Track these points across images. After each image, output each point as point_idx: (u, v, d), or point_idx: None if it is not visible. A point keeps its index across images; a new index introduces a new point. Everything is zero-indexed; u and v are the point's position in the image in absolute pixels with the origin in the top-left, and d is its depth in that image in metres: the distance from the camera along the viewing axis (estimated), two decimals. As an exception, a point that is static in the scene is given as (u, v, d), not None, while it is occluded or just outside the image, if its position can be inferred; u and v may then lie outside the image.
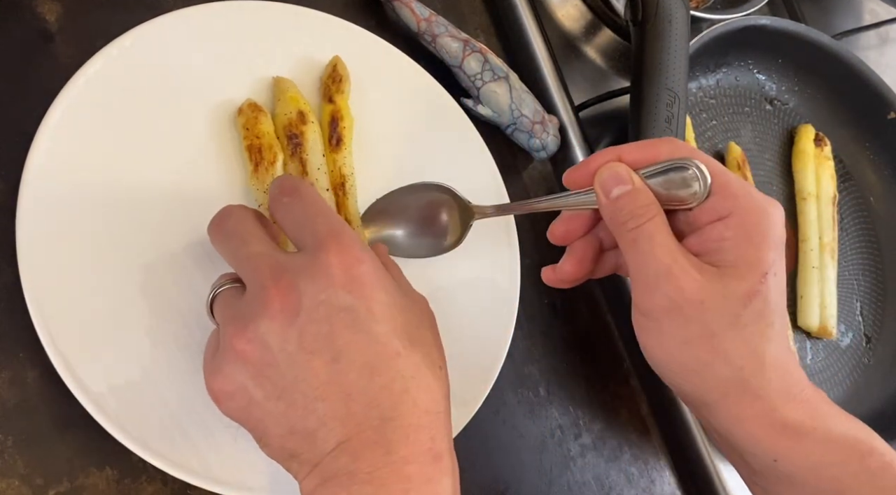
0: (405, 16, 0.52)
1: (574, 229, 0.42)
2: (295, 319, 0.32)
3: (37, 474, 0.36)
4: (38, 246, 0.37)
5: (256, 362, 0.32)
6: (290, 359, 0.32)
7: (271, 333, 0.32)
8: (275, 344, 0.32)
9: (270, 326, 0.32)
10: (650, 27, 0.53)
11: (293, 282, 0.32)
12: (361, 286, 0.33)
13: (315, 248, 0.33)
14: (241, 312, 0.33)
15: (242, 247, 0.34)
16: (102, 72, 0.40)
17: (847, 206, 0.71)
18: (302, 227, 0.35)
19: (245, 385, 0.32)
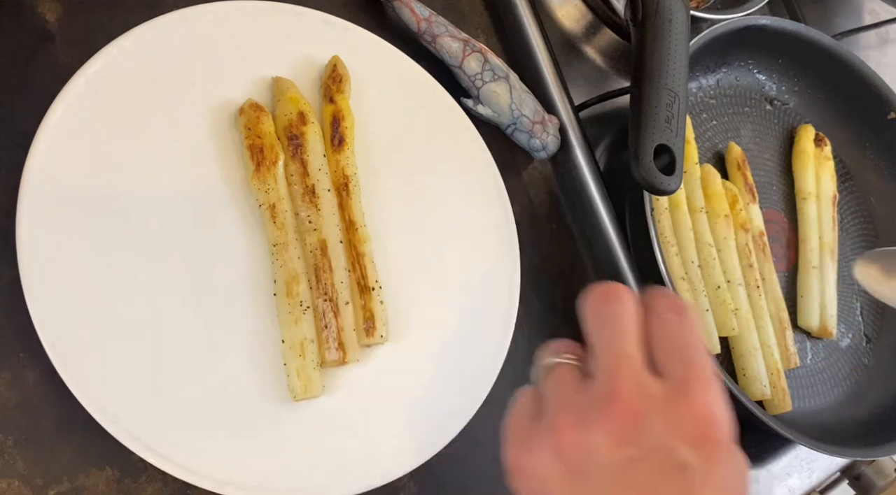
0: (405, 16, 0.52)
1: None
2: (628, 447, 0.30)
3: (37, 474, 0.36)
4: (38, 246, 0.37)
5: (572, 464, 0.31)
6: (604, 481, 0.30)
7: (600, 447, 0.30)
8: (599, 459, 0.30)
9: (603, 440, 0.30)
10: (650, 27, 0.53)
11: (646, 409, 0.30)
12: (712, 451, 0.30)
13: (682, 383, 0.31)
14: (581, 405, 0.32)
15: (616, 340, 0.33)
16: (102, 72, 0.40)
17: (847, 206, 0.71)
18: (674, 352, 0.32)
19: (548, 477, 0.31)
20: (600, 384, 0.32)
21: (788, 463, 0.61)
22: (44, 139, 0.38)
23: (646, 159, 0.49)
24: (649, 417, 0.30)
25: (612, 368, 0.32)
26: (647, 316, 0.34)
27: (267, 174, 0.43)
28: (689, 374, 0.31)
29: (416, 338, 0.46)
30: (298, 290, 0.42)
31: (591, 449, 0.30)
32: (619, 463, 0.30)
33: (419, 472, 0.44)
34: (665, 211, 0.58)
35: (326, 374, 0.43)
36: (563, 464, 0.31)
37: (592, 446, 0.30)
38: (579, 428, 0.31)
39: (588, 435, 0.30)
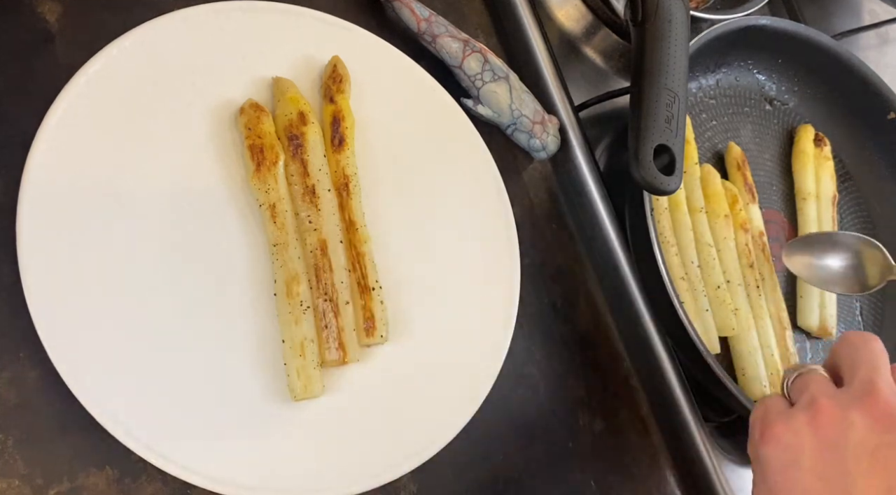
0: (405, 16, 0.52)
1: None
2: (885, 431, 0.34)
3: (37, 474, 0.36)
4: (38, 246, 0.37)
5: (827, 438, 0.35)
6: (856, 457, 0.34)
7: (858, 425, 0.34)
8: (854, 437, 0.34)
9: (861, 421, 0.34)
10: (650, 27, 0.53)
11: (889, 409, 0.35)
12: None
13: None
14: (840, 396, 0.36)
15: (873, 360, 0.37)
16: (102, 72, 0.40)
17: (847, 206, 0.71)
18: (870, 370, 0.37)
19: (803, 446, 0.35)
20: (858, 384, 0.36)
21: (788, 463, 0.60)
22: (44, 139, 0.38)
23: (646, 159, 0.49)
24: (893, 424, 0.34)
25: (869, 376, 0.36)
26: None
27: (267, 174, 0.43)
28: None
29: (416, 338, 0.46)
30: (298, 290, 0.42)
31: (848, 427, 0.34)
32: (873, 445, 0.34)
33: (419, 472, 0.44)
34: (665, 211, 0.58)
35: (326, 374, 0.43)
36: (819, 438, 0.35)
37: (850, 424, 0.35)
38: (838, 411, 0.35)
39: (847, 415, 0.35)
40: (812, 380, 0.38)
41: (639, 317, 0.55)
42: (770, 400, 0.40)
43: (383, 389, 0.44)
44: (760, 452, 0.38)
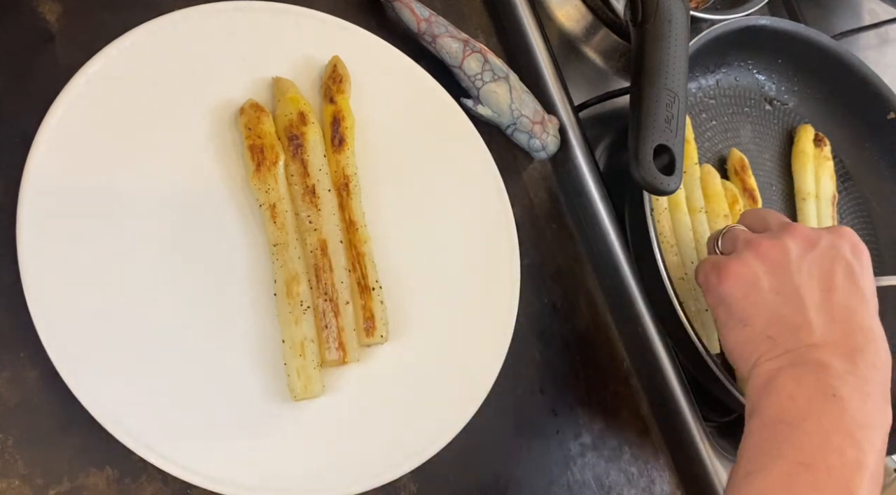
0: (405, 16, 0.52)
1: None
2: (812, 248, 0.45)
3: (37, 474, 0.36)
4: (38, 246, 0.37)
5: (774, 261, 0.45)
6: (798, 270, 0.44)
7: (793, 247, 0.45)
8: (794, 255, 0.45)
9: (794, 243, 0.45)
10: (650, 27, 0.53)
11: (817, 231, 0.47)
12: (861, 257, 0.46)
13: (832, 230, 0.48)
14: (770, 234, 0.47)
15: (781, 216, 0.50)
16: (102, 72, 0.40)
17: (847, 206, 0.71)
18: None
19: (757, 272, 0.45)
20: (776, 225, 0.48)
21: (788, 462, 0.60)
22: (44, 139, 0.38)
23: (646, 159, 0.49)
24: (821, 234, 0.46)
25: (780, 219, 0.49)
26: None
27: (267, 174, 0.43)
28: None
29: (416, 338, 0.46)
30: (299, 290, 0.42)
31: (787, 249, 0.45)
32: (808, 257, 0.45)
33: (419, 472, 0.44)
34: (665, 211, 0.58)
35: (326, 374, 0.43)
36: (769, 263, 0.45)
37: (788, 247, 0.45)
38: (773, 241, 0.46)
39: (781, 242, 0.45)
40: (739, 231, 0.49)
41: (639, 317, 0.55)
42: (710, 257, 0.49)
43: (383, 389, 0.44)
44: (722, 291, 0.46)
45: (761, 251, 0.45)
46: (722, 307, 0.46)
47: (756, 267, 0.45)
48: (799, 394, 0.41)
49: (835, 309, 0.43)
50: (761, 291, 0.45)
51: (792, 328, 0.43)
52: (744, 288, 0.45)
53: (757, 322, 0.44)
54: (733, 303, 0.45)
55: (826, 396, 0.40)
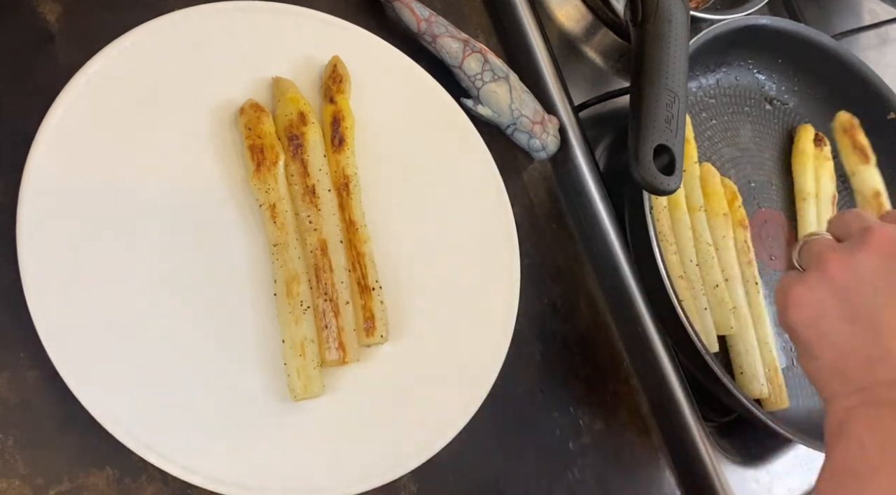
0: (405, 16, 0.52)
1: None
2: (890, 260, 0.37)
3: (37, 474, 0.36)
4: (38, 246, 0.37)
5: (843, 284, 0.38)
6: (875, 292, 0.37)
7: (866, 264, 0.37)
8: (866, 273, 0.37)
9: (867, 258, 0.37)
10: (650, 27, 0.53)
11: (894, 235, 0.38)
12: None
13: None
14: (842, 247, 0.39)
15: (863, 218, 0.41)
16: (102, 72, 0.40)
17: (847, 206, 0.71)
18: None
19: (824, 299, 0.38)
20: (856, 232, 0.39)
21: (788, 463, 0.61)
22: (44, 139, 0.38)
23: (646, 159, 0.49)
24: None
25: (862, 224, 0.40)
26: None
27: (267, 174, 0.43)
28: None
29: (416, 338, 0.46)
30: (299, 290, 0.42)
31: (858, 267, 0.38)
32: (885, 274, 0.37)
33: (419, 472, 0.44)
34: (664, 210, 0.58)
35: (326, 374, 0.43)
36: (838, 286, 0.38)
37: (860, 265, 0.38)
38: (844, 257, 0.38)
39: (852, 258, 0.38)
40: (816, 243, 0.41)
41: (639, 317, 0.55)
42: (785, 275, 0.42)
43: (383, 389, 0.44)
44: (788, 319, 0.40)
45: (829, 272, 0.39)
46: (792, 335, 0.41)
47: (822, 292, 0.39)
48: (871, 442, 0.35)
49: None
50: (829, 320, 0.38)
51: (866, 362, 0.37)
52: (809, 317, 0.39)
53: (826, 355, 0.38)
54: (800, 333, 0.40)
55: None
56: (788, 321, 0.40)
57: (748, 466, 0.58)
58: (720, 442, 0.56)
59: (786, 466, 0.61)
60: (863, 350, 0.37)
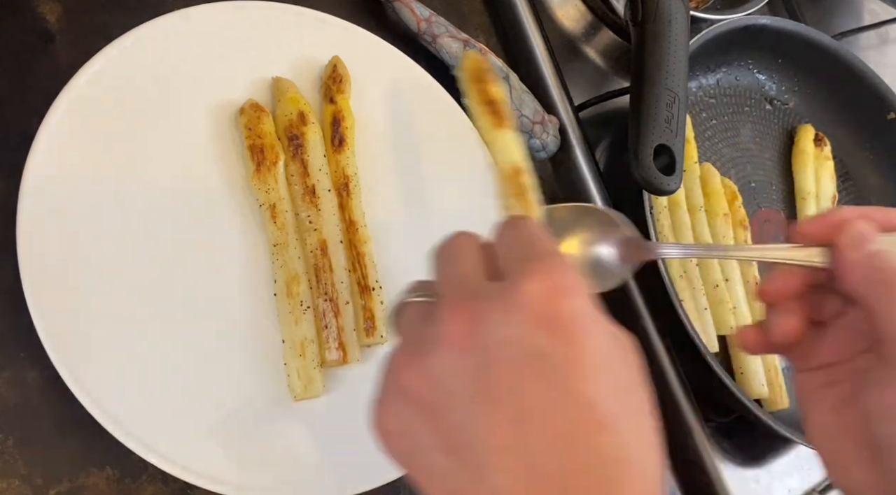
0: (405, 16, 0.52)
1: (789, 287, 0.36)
2: (473, 355, 0.26)
3: (37, 474, 0.36)
4: (38, 246, 0.37)
5: (427, 402, 0.27)
6: (467, 405, 0.26)
7: (446, 368, 0.26)
8: (449, 382, 0.26)
9: (445, 359, 0.26)
10: (650, 27, 0.53)
11: (482, 309, 0.26)
12: (565, 326, 0.26)
13: (516, 274, 0.27)
14: (416, 336, 0.28)
15: (448, 264, 0.30)
16: (102, 72, 0.40)
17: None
18: (509, 254, 0.30)
19: (412, 428, 0.27)
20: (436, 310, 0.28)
21: (788, 463, 0.61)
22: (44, 139, 0.38)
23: (646, 159, 0.49)
24: (489, 314, 0.26)
25: (444, 288, 0.29)
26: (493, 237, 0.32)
27: (267, 174, 0.43)
28: (524, 262, 0.28)
29: (416, 337, 0.46)
30: (299, 290, 0.42)
31: (438, 376, 0.26)
32: (473, 376, 0.26)
33: (419, 472, 0.44)
34: (664, 210, 0.58)
35: (326, 374, 0.43)
36: (422, 407, 0.27)
37: (439, 371, 0.26)
38: (415, 361, 0.27)
39: (427, 362, 0.27)
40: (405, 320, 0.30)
41: (639, 317, 0.55)
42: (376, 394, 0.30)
43: (383, 389, 0.44)
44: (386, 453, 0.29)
45: (403, 384, 0.27)
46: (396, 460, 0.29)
47: (407, 415, 0.27)
48: None
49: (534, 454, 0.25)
50: (425, 453, 0.27)
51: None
52: (403, 450, 0.28)
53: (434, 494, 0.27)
54: (405, 468, 0.29)
55: None
56: (387, 452, 0.29)
57: (748, 466, 0.58)
58: (720, 443, 0.56)
59: (786, 466, 0.61)
60: (471, 490, 0.26)
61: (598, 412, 0.25)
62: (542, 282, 0.26)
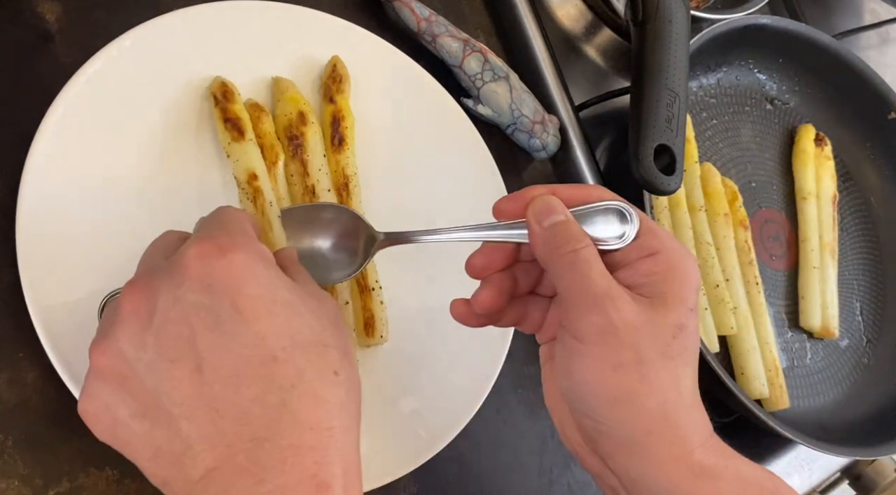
0: (405, 16, 0.52)
1: (494, 262, 0.39)
2: (150, 323, 0.29)
3: (37, 474, 0.36)
4: (38, 246, 0.37)
5: (115, 375, 0.29)
6: (149, 368, 0.28)
7: (126, 340, 0.29)
8: (131, 352, 0.28)
9: (124, 332, 0.29)
10: (650, 27, 0.53)
11: (149, 282, 0.29)
12: (223, 279, 0.29)
13: (185, 246, 0.30)
14: (105, 321, 0.30)
15: (146, 255, 0.33)
16: (102, 72, 0.40)
17: (847, 206, 0.71)
18: (195, 233, 0.33)
19: (107, 402, 0.29)
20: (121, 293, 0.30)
21: (788, 463, 0.61)
22: (44, 139, 0.38)
23: (646, 159, 0.49)
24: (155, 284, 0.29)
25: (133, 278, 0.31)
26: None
27: (267, 174, 0.43)
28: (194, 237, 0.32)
29: (417, 338, 0.46)
30: (298, 290, 0.42)
31: (121, 349, 0.29)
32: (153, 341, 0.28)
33: (419, 472, 0.44)
34: (665, 210, 0.58)
35: (326, 374, 0.43)
36: (112, 381, 0.29)
37: (121, 345, 0.29)
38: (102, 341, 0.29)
39: (111, 339, 0.29)
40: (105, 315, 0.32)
41: (639, 317, 0.55)
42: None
43: (383, 389, 0.44)
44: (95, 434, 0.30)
45: (95, 368, 0.29)
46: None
47: (102, 396, 0.29)
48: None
49: (213, 395, 0.28)
50: (124, 425, 0.29)
51: (175, 461, 0.28)
52: (106, 429, 0.29)
53: (144, 465, 0.29)
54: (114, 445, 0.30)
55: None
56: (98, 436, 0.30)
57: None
58: (720, 443, 0.56)
59: (786, 466, 0.61)
60: (167, 446, 0.28)
61: (267, 347, 0.29)
62: (200, 247, 0.30)
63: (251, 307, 0.29)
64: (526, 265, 0.39)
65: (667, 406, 0.34)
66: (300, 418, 0.28)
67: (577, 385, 0.35)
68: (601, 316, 0.34)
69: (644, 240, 0.36)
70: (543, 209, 0.36)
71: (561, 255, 0.35)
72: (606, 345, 0.34)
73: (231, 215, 0.34)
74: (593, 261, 0.35)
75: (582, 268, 0.35)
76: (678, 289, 0.35)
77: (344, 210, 0.42)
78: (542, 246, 0.36)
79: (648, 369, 0.34)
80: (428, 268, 0.48)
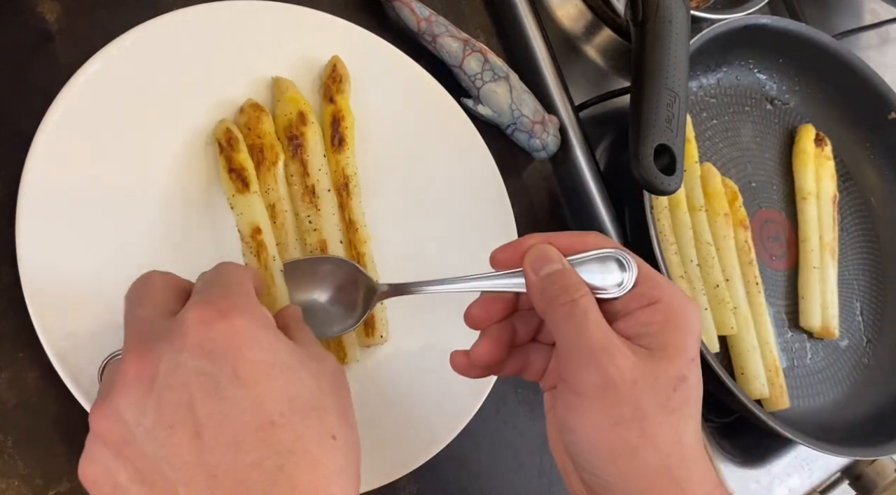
0: (405, 16, 0.52)
1: (492, 313, 0.39)
2: (151, 388, 0.29)
3: (37, 474, 0.36)
4: (38, 246, 0.37)
5: (115, 440, 0.29)
6: (148, 434, 0.28)
7: (127, 405, 0.29)
8: (131, 417, 0.28)
9: (125, 397, 0.29)
10: (650, 27, 0.53)
11: (151, 346, 0.29)
12: (223, 345, 0.29)
13: (184, 309, 0.31)
14: (105, 385, 0.30)
15: (135, 307, 0.33)
16: (102, 72, 0.40)
17: (847, 206, 0.71)
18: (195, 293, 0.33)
19: (108, 468, 0.29)
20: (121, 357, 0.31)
21: (788, 463, 0.61)
22: (44, 139, 0.38)
23: (646, 159, 0.49)
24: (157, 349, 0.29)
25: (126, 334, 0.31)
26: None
27: (267, 174, 0.43)
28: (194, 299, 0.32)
29: (417, 338, 0.46)
30: (298, 290, 0.42)
31: (121, 414, 0.29)
32: (152, 407, 0.28)
33: (419, 472, 0.44)
34: (665, 210, 0.58)
35: (326, 374, 0.43)
36: (111, 446, 0.29)
37: (121, 410, 0.29)
38: (102, 406, 0.29)
39: (112, 404, 0.29)
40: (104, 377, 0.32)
41: (639, 317, 0.55)
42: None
43: (383, 389, 0.44)
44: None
45: (95, 432, 0.29)
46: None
47: (103, 461, 0.29)
48: None
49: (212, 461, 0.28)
50: (124, 490, 0.29)
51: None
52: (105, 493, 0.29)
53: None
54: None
55: None
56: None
57: (748, 466, 0.58)
58: (720, 443, 0.56)
59: (786, 466, 0.61)
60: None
61: (265, 411, 0.29)
62: (199, 311, 0.30)
63: (251, 372, 0.29)
64: (525, 314, 0.39)
65: (669, 461, 0.34)
66: (297, 484, 0.28)
67: (578, 439, 0.34)
68: (598, 371, 0.33)
69: (643, 288, 0.35)
70: (539, 258, 0.36)
71: (558, 306, 0.35)
72: (605, 400, 0.33)
73: (233, 274, 0.34)
74: (591, 311, 0.34)
75: (579, 319, 0.34)
76: (679, 339, 0.35)
77: (345, 262, 0.43)
78: (539, 296, 0.36)
79: (649, 424, 0.33)
80: (430, 269, 0.48)
